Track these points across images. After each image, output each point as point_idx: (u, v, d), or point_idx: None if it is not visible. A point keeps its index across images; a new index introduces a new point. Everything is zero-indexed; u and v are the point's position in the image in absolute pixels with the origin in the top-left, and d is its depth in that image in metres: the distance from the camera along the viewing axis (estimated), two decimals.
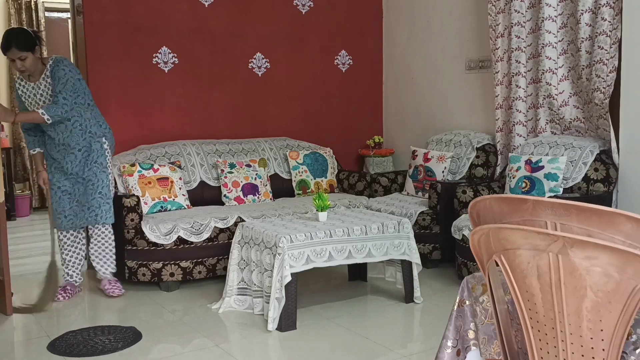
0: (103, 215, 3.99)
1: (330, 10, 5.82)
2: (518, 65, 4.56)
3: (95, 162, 4.01)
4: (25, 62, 3.83)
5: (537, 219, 1.48)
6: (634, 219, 1.32)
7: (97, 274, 4.13)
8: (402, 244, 3.76)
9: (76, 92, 3.91)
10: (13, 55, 3.80)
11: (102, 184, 4.00)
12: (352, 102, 6.03)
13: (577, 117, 4.35)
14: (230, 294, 3.73)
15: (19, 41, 3.79)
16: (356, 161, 6.11)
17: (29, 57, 3.83)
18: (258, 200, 4.85)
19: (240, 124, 5.44)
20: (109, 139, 4.13)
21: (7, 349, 3.26)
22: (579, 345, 1.41)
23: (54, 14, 7.61)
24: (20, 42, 3.79)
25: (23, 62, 3.83)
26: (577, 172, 4.12)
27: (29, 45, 3.83)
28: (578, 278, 1.33)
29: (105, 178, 4.03)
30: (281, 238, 3.36)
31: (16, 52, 3.79)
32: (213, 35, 5.26)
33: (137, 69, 4.97)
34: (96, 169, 4.01)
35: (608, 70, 3.99)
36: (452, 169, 4.97)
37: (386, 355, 3.11)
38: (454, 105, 5.39)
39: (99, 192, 3.99)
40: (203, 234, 4.20)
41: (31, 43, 3.84)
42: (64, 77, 3.85)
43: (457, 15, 5.27)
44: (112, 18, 4.84)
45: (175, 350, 3.20)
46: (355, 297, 4.02)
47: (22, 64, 3.83)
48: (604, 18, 3.98)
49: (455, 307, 1.92)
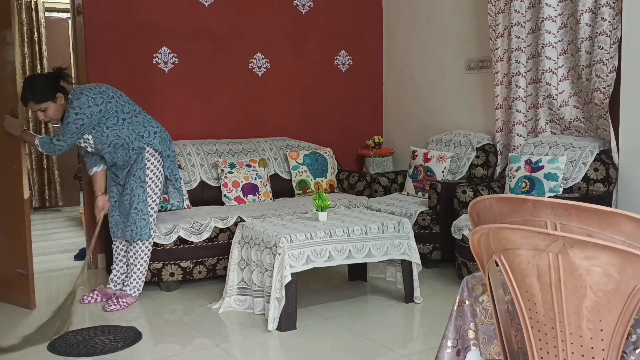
0: (138, 231, 3.81)
1: (330, 10, 5.82)
2: (518, 65, 4.57)
3: (133, 176, 3.82)
4: (47, 112, 3.62)
5: (537, 219, 1.48)
6: (634, 219, 1.32)
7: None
8: (402, 244, 3.76)
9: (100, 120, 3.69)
10: (32, 108, 3.63)
11: (138, 199, 3.80)
12: (352, 102, 6.03)
13: (577, 117, 4.35)
14: (230, 294, 3.73)
15: (34, 93, 3.56)
16: (356, 161, 6.11)
17: (50, 107, 3.61)
18: (258, 200, 4.85)
19: (240, 124, 5.44)
20: (156, 143, 3.85)
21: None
22: (579, 345, 1.41)
23: (54, 14, 7.61)
24: (36, 94, 3.56)
25: (44, 113, 3.62)
26: (577, 172, 4.12)
27: (48, 95, 3.59)
28: (578, 278, 1.34)
29: (142, 193, 3.81)
30: (281, 238, 3.37)
31: (34, 105, 3.59)
32: (213, 35, 5.26)
33: (137, 69, 4.97)
34: (133, 183, 3.82)
35: (608, 70, 3.99)
36: (452, 169, 4.97)
37: (386, 355, 3.11)
38: (454, 105, 5.40)
39: (135, 207, 3.81)
40: (203, 234, 4.20)
41: (50, 92, 3.59)
42: (67, 119, 3.61)
43: (457, 15, 5.27)
44: (112, 18, 4.84)
45: (175, 350, 3.20)
46: (355, 297, 4.02)
47: (44, 114, 3.62)
48: (604, 18, 3.98)
49: (455, 307, 1.92)
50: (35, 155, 7.51)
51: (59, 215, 7.25)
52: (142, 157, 3.82)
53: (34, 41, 7.36)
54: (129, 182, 3.82)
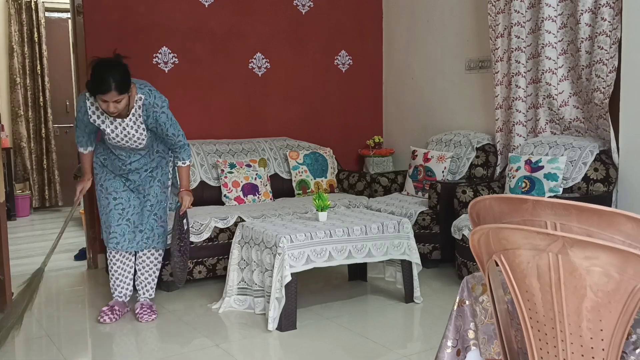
0: (156, 239, 3.62)
1: (330, 10, 5.82)
2: (518, 65, 4.57)
3: (158, 181, 3.62)
4: (120, 104, 3.23)
5: (537, 219, 1.48)
6: (634, 219, 1.32)
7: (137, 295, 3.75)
8: (402, 243, 3.76)
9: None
10: (110, 99, 3.16)
11: (159, 205, 3.62)
12: (352, 102, 6.03)
13: (576, 117, 4.35)
14: (231, 294, 3.73)
15: (118, 83, 3.16)
16: (356, 161, 6.11)
17: (125, 100, 3.24)
18: (258, 200, 4.85)
19: (240, 124, 5.44)
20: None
21: (8, 348, 3.26)
22: (578, 345, 1.41)
23: (54, 14, 7.61)
24: (124, 83, 3.20)
25: (117, 105, 3.21)
26: (577, 172, 4.12)
27: (130, 86, 3.26)
28: (578, 278, 1.34)
29: (165, 200, 3.64)
30: (281, 238, 3.36)
31: (115, 96, 3.16)
32: (213, 35, 5.26)
33: (137, 69, 4.92)
34: (157, 188, 3.60)
35: (608, 70, 3.99)
36: (452, 169, 4.97)
37: (386, 355, 3.11)
38: (454, 105, 5.39)
39: (155, 213, 3.60)
40: (203, 234, 4.20)
41: (129, 83, 3.26)
42: (165, 113, 3.41)
43: (457, 15, 5.27)
44: (112, 18, 4.84)
45: (175, 350, 3.20)
46: (355, 297, 4.02)
47: (116, 106, 3.20)
48: (604, 18, 3.98)
49: (455, 307, 1.92)
50: (35, 155, 7.52)
51: (59, 215, 7.25)
52: (167, 162, 3.67)
53: (34, 41, 7.36)
54: (152, 188, 3.59)
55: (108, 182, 3.58)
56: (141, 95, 3.36)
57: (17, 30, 7.28)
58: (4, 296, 3.72)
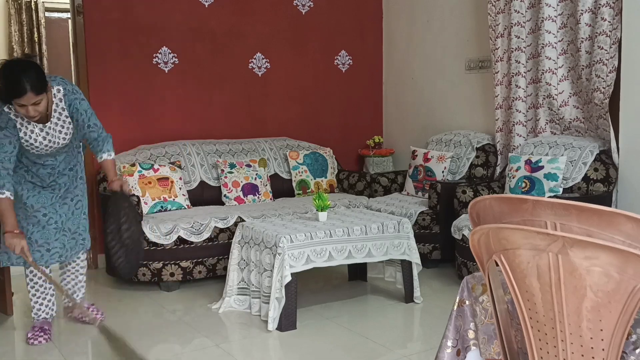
0: (88, 238, 3.45)
1: (330, 10, 5.82)
2: (518, 65, 4.57)
3: (80, 177, 3.41)
4: (40, 107, 2.95)
5: (537, 219, 1.48)
6: (634, 219, 1.32)
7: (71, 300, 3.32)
8: (402, 243, 3.76)
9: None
10: (27, 101, 2.88)
11: (86, 203, 3.44)
12: (352, 102, 6.03)
13: (576, 117, 4.35)
14: (231, 294, 3.73)
15: (34, 83, 2.87)
16: (356, 161, 6.11)
17: (44, 101, 2.97)
18: (258, 200, 4.85)
19: (240, 124, 5.44)
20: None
21: (8, 348, 3.26)
22: (578, 345, 1.41)
23: (54, 14, 7.61)
24: (39, 83, 2.91)
25: (37, 108, 2.93)
26: (577, 172, 4.12)
27: (46, 85, 2.98)
28: (578, 278, 1.34)
29: (86, 196, 3.46)
30: (281, 238, 3.37)
31: (33, 97, 2.88)
32: (213, 35, 5.26)
33: (137, 69, 4.97)
34: (82, 185, 3.41)
35: (608, 70, 3.99)
36: (452, 169, 4.97)
37: (386, 355, 3.11)
38: (454, 105, 5.39)
39: (84, 212, 3.41)
40: (203, 234, 4.20)
41: (45, 81, 2.98)
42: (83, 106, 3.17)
43: (457, 15, 5.27)
44: (112, 18, 4.84)
45: (175, 350, 3.20)
46: (355, 297, 4.02)
47: (36, 109, 2.93)
48: (604, 18, 3.98)
49: (455, 307, 1.92)
50: None
51: None
52: (82, 156, 3.47)
53: (34, 41, 7.37)
54: (77, 187, 3.38)
55: (34, 199, 3.22)
56: (59, 87, 3.12)
57: (17, 30, 7.28)
58: (4, 297, 3.72)
